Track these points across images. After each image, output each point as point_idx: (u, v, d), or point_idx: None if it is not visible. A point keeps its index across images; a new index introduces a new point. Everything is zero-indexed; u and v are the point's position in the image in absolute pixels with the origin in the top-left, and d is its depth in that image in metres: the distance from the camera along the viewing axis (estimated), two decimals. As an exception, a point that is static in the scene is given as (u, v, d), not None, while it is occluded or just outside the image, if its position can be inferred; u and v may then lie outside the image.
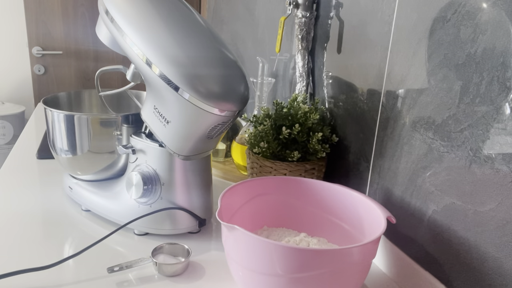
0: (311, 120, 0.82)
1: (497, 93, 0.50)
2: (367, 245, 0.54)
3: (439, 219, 0.60)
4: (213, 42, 0.68)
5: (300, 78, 0.95)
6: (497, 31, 0.50)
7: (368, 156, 0.77)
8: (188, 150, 0.72)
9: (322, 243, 0.69)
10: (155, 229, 0.75)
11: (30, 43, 2.22)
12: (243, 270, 0.58)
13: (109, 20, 0.69)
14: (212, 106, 0.65)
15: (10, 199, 0.90)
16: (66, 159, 0.85)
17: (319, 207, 0.72)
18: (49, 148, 0.90)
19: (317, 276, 0.53)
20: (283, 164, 0.81)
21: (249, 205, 0.71)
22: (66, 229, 0.79)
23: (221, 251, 0.74)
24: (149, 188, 0.74)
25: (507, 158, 0.49)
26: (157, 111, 0.70)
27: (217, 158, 1.14)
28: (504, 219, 0.50)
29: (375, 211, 0.63)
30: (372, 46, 0.75)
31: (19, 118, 2.58)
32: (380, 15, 0.72)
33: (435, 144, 0.60)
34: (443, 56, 0.58)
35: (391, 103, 0.70)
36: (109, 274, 0.65)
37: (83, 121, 0.80)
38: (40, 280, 0.63)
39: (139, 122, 0.77)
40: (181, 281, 0.66)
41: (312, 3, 0.92)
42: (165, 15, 0.67)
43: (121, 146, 0.76)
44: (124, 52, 0.73)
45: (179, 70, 0.64)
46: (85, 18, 2.25)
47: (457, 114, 0.56)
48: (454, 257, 0.58)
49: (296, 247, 0.53)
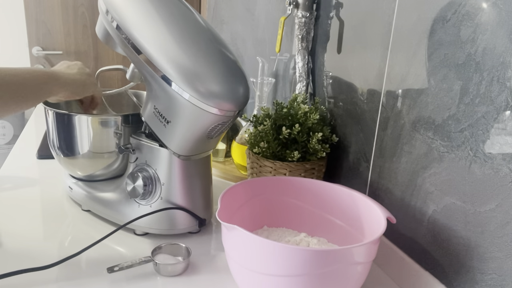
0: (311, 120, 0.82)
1: (497, 93, 0.50)
2: (367, 245, 0.54)
3: (439, 219, 0.60)
4: (213, 42, 0.68)
5: (300, 78, 0.95)
6: (497, 31, 0.50)
7: (368, 156, 0.77)
8: (188, 150, 0.72)
9: (322, 243, 0.69)
10: (155, 229, 0.75)
11: (30, 43, 2.22)
12: (243, 270, 0.58)
13: (109, 20, 0.69)
14: (212, 106, 0.65)
15: (10, 199, 0.90)
16: (66, 159, 0.85)
17: (319, 207, 0.72)
18: (49, 148, 0.89)
19: (317, 276, 0.53)
20: (283, 164, 0.81)
21: (249, 205, 0.71)
22: (66, 229, 0.79)
23: (221, 251, 0.74)
24: (149, 188, 0.74)
25: (507, 158, 0.49)
26: (157, 111, 0.70)
27: (217, 158, 1.14)
28: (504, 219, 0.50)
29: (375, 211, 0.63)
30: (372, 46, 0.75)
31: (19, 118, 2.58)
32: (380, 15, 0.72)
33: (435, 144, 0.60)
34: (443, 56, 0.58)
35: (391, 103, 0.70)
36: (109, 274, 0.65)
37: (83, 121, 0.80)
38: (40, 280, 0.63)
39: (139, 122, 0.77)
40: (181, 281, 0.66)
41: (312, 3, 0.91)
42: (165, 15, 0.67)
43: (121, 146, 0.76)
44: (123, 52, 0.73)
45: (179, 70, 0.64)
46: (85, 18, 2.25)
47: (457, 114, 0.56)
48: (454, 257, 0.58)
49: (296, 247, 0.53)
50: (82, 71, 0.76)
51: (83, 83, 0.75)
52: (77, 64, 0.77)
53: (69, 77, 0.73)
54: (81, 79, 0.75)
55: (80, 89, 0.75)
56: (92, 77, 0.79)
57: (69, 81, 0.73)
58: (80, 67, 0.77)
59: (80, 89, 0.75)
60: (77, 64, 0.77)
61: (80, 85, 0.75)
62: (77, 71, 0.75)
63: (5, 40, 2.57)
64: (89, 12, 2.25)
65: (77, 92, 0.75)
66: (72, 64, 0.77)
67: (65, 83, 0.72)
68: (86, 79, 0.76)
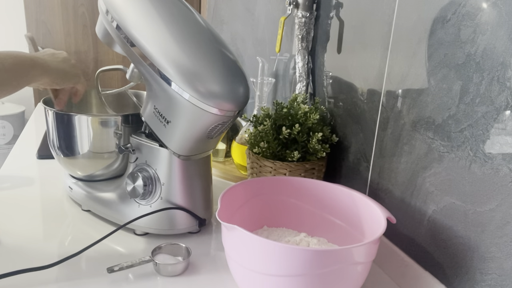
0: (311, 120, 0.82)
1: (497, 93, 0.50)
2: (367, 245, 0.54)
3: (439, 219, 0.60)
4: (213, 42, 0.68)
5: (300, 78, 0.95)
6: (497, 31, 0.50)
7: (368, 156, 0.77)
8: (188, 150, 0.72)
9: (322, 243, 0.69)
10: (155, 229, 0.75)
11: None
12: (243, 270, 0.58)
13: (109, 20, 0.69)
14: (212, 106, 0.65)
15: (10, 199, 0.90)
16: (66, 159, 0.85)
17: (319, 207, 0.72)
18: (49, 148, 0.89)
19: (317, 276, 0.53)
20: (283, 164, 0.81)
21: (249, 205, 0.71)
22: (66, 229, 0.79)
23: (221, 251, 0.74)
24: (149, 188, 0.74)
25: (507, 158, 0.49)
26: (157, 111, 0.70)
27: (217, 158, 1.14)
28: (504, 219, 0.50)
29: (375, 211, 0.63)
30: (372, 46, 0.75)
31: (19, 118, 2.58)
32: (380, 15, 0.72)
33: (435, 144, 0.60)
34: (443, 56, 0.58)
35: (391, 103, 0.70)
36: (109, 274, 0.65)
37: (83, 121, 0.80)
38: (40, 280, 0.63)
39: (139, 122, 0.77)
40: (181, 281, 0.66)
41: (312, 3, 0.92)
42: (165, 15, 0.67)
43: (121, 146, 0.76)
44: (123, 52, 0.73)
45: (179, 70, 0.64)
46: (85, 18, 2.25)
47: (457, 114, 0.56)
48: (454, 257, 0.58)
49: (296, 247, 0.53)
50: (66, 60, 0.75)
51: (65, 72, 0.74)
52: (62, 53, 0.76)
53: (52, 64, 0.72)
54: (64, 68, 0.74)
55: (61, 77, 0.73)
56: (76, 69, 0.77)
57: (51, 68, 0.71)
58: (65, 56, 0.76)
59: (61, 77, 0.74)
60: (62, 53, 0.76)
61: (62, 73, 0.73)
62: (61, 60, 0.74)
63: (5, 40, 2.57)
64: (89, 12, 2.25)
65: (57, 81, 0.74)
66: (58, 52, 0.76)
67: (48, 70, 0.70)
68: (69, 69, 0.75)
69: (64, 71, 0.74)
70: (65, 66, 0.74)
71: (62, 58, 0.75)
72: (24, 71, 0.66)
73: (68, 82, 0.76)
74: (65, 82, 0.75)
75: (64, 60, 0.75)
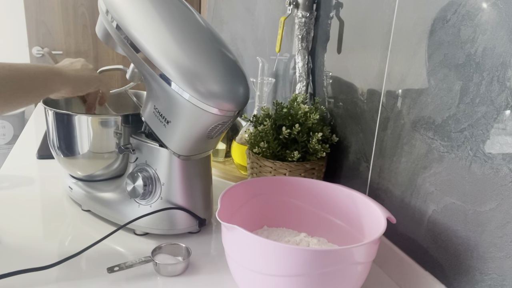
0: (311, 120, 0.82)
1: (497, 93, 0.50)
2: (367, 245, 0.54)
3: (439, 219, 0.60)
4: (213, 42, 0.68)
5: (300, 78, 0.95)
6: (497, 31, 0.50)
7: (368, 156, 0.77)
8: (188, 150, 0.72)
9: (322, 243, 0.69)
10: (155, 229, 0.75)
11: (30, 43, 2.22)
12: (243, 270, 0.58)
13: (109, 20, 0.69)
14: (212, 106, 0.65)
15: (10, 199, 0.90)
16: (66, 159, 0.85)
17: (319, 207, 0.72)
18: (49, 148, 0.89)
19: (317, 276, 0.53)
20: (283, 164, 0.81)
21: (249, 205, 0.71)
22: (66, 229, 0.79)
23: (221, 251, 0.74)
24: (149, 188, 0.74)
25: (507, 158, 0.49)
26: (157, 111, 0.70)
27: (217, 158, 1.14)
28: (504, 219, 0.50)
29: (375, 211, 0.63)
30: (372, 46, 0.75)
31: (19, 118, 2.58)
32: (380, 15, 0.72)
33: (435, 144, 0.60)
34: (443, 56, 0.58)
35: (391, 103, 0.70)
36: (109, 274, 0.65)
37: (83, 121, 0.80)
38: (40, 280, 0.63)
39: (139, 122, 0.77)
40: (181, 281, 0.66)
41: (312, 3, 0.92)
42: (165, 15, 0.67)
43: (121, 146, 0.76)
44: (123, 52, 0.73)
45: (179, 70, 0.64)
46: (85, 18, 2.25)
47: (457, 114, 0.56)
48: (454, 257, 0.58)
49: (296, 247, 0.53)
50: (85, 67, 0.76)
51: (86, 79, 0.75)
52: (80, 61, 0.77)
53: (72, 73, 0.73)
54: (84, 75, 0.75)
55: (83, 85, 0.75)
56: (95, 73, 0.78)
57: (71, 78, 0.72)
58: (83, 63, 0.77)
59: (83, 85, 0.75)
60: (79, 60, 0.77)
61: (83, 81, 0.75)
62: (80, 68, 0.75)
63: (5, 40, 2.57)
64: (89, 12, 2.25)
65: (80, 89, 0.75)
66: (75, 60, 0.77)
67: (68, 79, 0.71)
68: (90, 75, 0.76)
69: (84, 78, 0.75)
70: (84, 73, 0.75)
71: (81, 65, 0.76)
72: (46, 82, 0.68)
73: (91, 88, 0.77)
74: (87, 88, 0.77)
75: (82, 67, 0.76)
